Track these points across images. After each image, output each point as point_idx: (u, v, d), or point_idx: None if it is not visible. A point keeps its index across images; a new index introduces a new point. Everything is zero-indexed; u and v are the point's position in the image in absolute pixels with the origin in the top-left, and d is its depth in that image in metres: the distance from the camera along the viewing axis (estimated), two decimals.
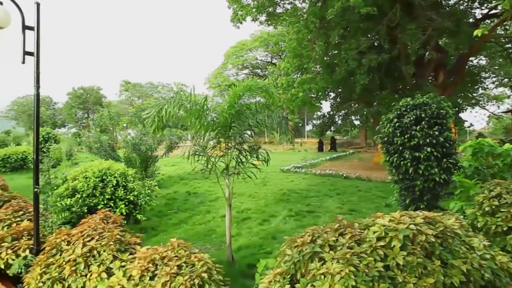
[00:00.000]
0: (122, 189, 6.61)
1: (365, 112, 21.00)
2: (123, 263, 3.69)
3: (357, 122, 25.41)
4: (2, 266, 4.58)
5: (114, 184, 6.53)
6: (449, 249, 3.10)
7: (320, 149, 34.03)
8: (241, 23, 17.73)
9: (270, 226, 7.40)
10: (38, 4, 4.65)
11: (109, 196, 6.42)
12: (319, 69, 19.45)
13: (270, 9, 17.88)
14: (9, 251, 4.64)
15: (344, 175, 14.77)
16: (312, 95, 19.38)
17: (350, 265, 2.86)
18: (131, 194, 6.68)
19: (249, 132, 5.48)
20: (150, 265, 3.45)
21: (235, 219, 7.68)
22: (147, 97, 63.31)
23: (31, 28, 4.64)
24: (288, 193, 11.04)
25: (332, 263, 2.96)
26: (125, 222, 5.22)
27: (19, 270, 4.50)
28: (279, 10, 18.35)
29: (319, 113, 34.34)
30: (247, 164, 5.27)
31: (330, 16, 13.64)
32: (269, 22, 19.08)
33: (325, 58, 18.21)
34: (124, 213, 6.33)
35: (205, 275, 3.35)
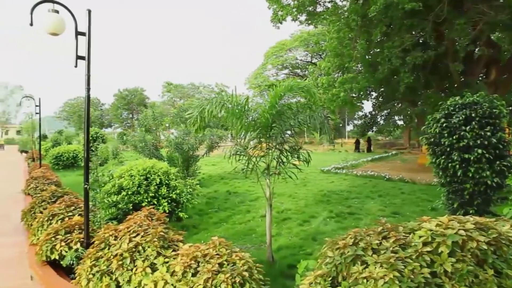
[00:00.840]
0: (165, 187, 6.80)
1: (409, 112, 20.27)
2: (167, 259, 3.80)
3: (400, 122, 24.59)
4: (57, 257, 4.87)
5: (158, 183, 6.74)
6: (504, 258, 2.91)
7: (357, 149, 33.22)
8: (281, 23, 17.69)
9: (310, 227, 7.34)
10: (89, 11, 4.89)
11: (153, 194, 6.63)
12: (360, 68, 19.01)
13: (310, 8, 17.69)
14: (63, 244, 4.93)
15: (387, 176, 14.33)
16: (353, 95, 18.98)
17: (395, 270, 2.77)
18: (174, 192, 6.86)
19: (289, 132, 5.46)
20: (193, 262, 3.52)
21: (275, 219, 7.67)
22: (189, 97, 64.82)
23: (83, 34, 4.88)
24: (328, 194, 10.89)
25: (375, 267, 2.88)
26: (168, 219, 5.36)
27: (71, 262, 4.76)
28: (319, 9, 18.11)
29: (360, 113, 33.62)
30: (287, 164, 5.25)
31: (372, 14, 13.27)
32: (309, 22, 18.89)
33: (367, 57, 17.76)
34: (167, 211, 6.52)
35: (246, 273, 3.38)
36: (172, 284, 3.44)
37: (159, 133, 12.60)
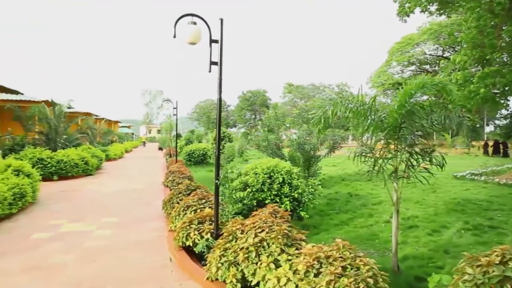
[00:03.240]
0: (288, 186, 6.96)
1: None
2: (290, 257, 3.87)
3: None
4: (191, 244, 5.40)
5: (280, 181, 6.93)
6: None
7: (493, 151, 28.73)
8: (408, 16, 16.46)
9: (441, 238, 6.67)
10: (222, 20, 5.27)
11: (276, 192, 6.85)
12: (506, 60, 16.49)
13: None
14: (196, 232, 5.44)
15: None
16: (496, 91, 16.57)
17: None
18: (296, 192, 6.97)
19: (419, 133, 5.05)
20: (315, 262, 3.52)
21: (400, 226, 7.16)
22: (309, 98, 65.13)
23: (216, 41, 5.30)
24: (463, 202, 9.73)
25: None
26: (289, 217, 5.47)
27: (202, 250, 5.22)
28: None
29: (504, 112, 29.14)
30: (417, 168, 4.86)
31: None
32: (441, 11, 17.14)
33: None
34: (289, 209, 6.65)
35: (370, 280, 3.24)
36: (294, 282, 3.49)
37: (281, 133, 12.95)
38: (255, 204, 6.73)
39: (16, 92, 18.25)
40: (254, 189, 6.82)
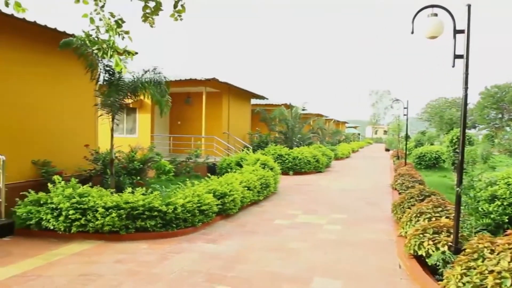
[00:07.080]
0: None
1: None
2: None
3: None
4: (424, 254, 5.01)
5: None
6: None
7: None
8: None
9: None
10: (469, 6, 4.66)
11: None
12: None
13: None
14: (430, 242, 5.01)
15: None
16: None
17: None
18: None
19: None
20: None
21: None
22: None
23: (461, 32, 4.72)
24: None
25: None
26: None
27: (437, 263, 4.75)
28: None
29: None
30: None
31: None
32: None
33: None
34: None
35: None
36: None
37: None
38: (506, 220, 5.65)
39: (262, 97, 21.61)
40: (505, 203, 5.72)
